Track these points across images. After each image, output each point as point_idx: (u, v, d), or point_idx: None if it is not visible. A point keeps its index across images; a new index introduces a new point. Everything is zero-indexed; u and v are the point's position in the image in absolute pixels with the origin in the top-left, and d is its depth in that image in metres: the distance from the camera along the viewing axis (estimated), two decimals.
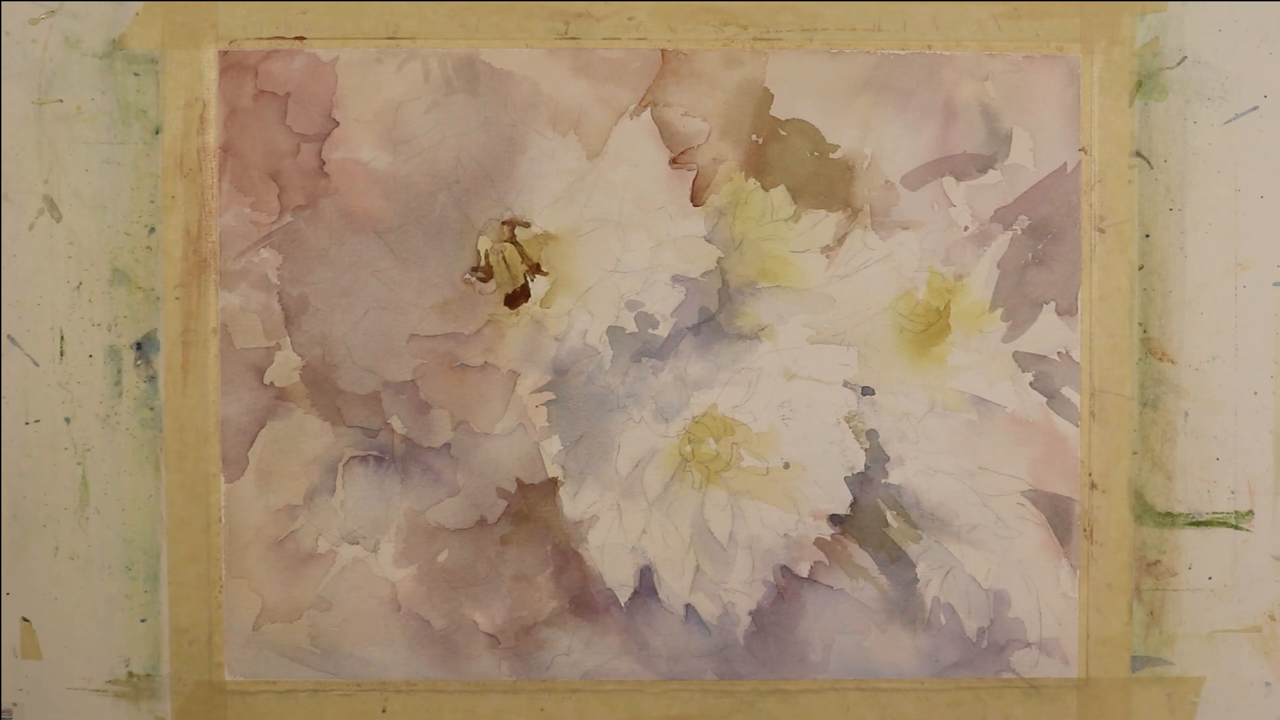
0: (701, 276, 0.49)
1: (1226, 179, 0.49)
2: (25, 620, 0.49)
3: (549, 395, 0.49)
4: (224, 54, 0.49)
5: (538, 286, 0.49)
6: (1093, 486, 0.49)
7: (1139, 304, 0.49)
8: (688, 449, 0.49)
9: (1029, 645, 0.49)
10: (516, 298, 0.49)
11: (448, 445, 0.49)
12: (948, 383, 0.49)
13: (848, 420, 0.49)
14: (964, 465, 0.49)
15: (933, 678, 0.49)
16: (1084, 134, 0.49)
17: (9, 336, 0.49)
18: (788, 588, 0.49)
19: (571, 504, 0.49)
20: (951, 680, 0.49)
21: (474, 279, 0.49)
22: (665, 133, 0.49)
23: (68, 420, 0.49)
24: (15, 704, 0.49)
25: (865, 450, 0.49)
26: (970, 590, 0.49)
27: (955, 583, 0.49)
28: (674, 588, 0.49)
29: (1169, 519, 0.49)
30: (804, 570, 0.49)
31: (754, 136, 0.49)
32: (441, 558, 0.49)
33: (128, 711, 0.49)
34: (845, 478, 0.49)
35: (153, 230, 0.49)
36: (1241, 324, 0.49)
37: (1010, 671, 0.49)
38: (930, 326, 0.49)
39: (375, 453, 0.49)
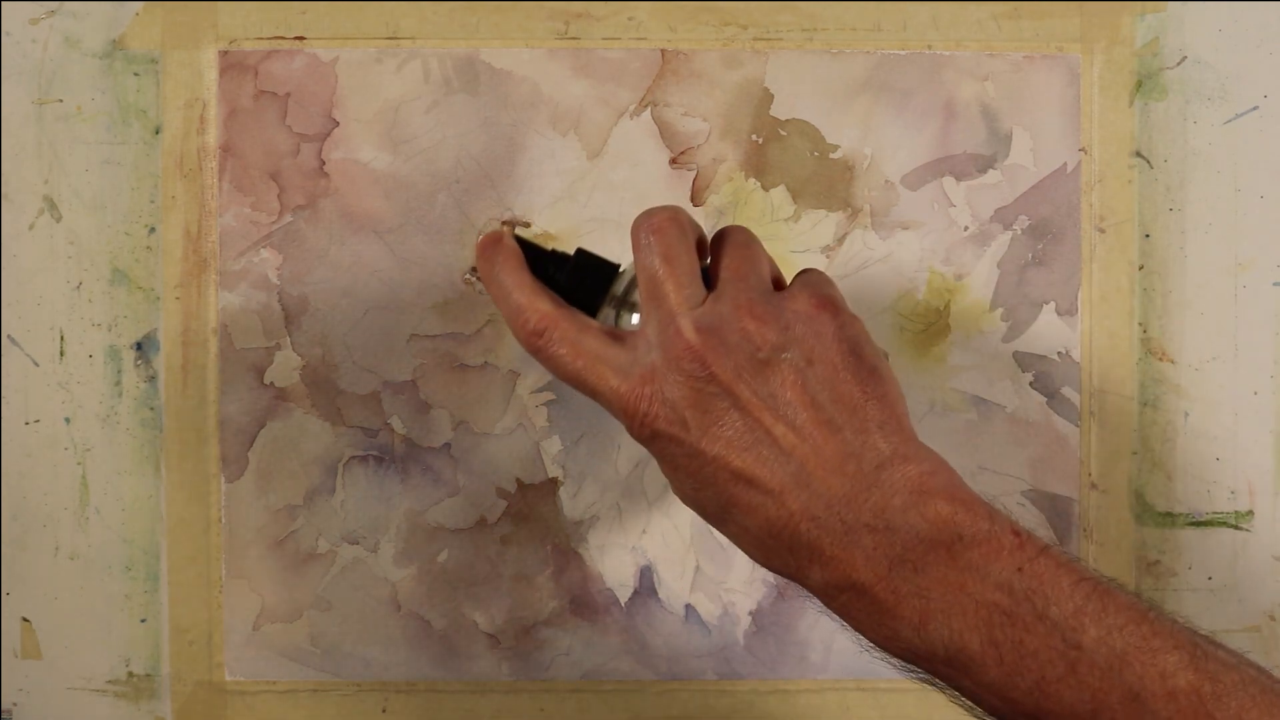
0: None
1: (1226, 179, 0.49)
2: (25, 620, 0.49)
3: (549, 395, 0.49)
4: (224, 54, 0.49)
5: None
6: (1092, 486, 0.49)
7: (1139, 304, 0.49)
8: None
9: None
10: None
11: (448, 445, 0.49)
12: (948, 383, 0.49)
13: None
14: (964, 465, 0.49)
15: None
16: (1084, 134, 0.49)
17: (9, 336, 0.49)
18: (788, 588, 0.49)
19: (571, 504, 0.49)
20: None
21: (474, 279, 0.49)
22: (665, 133, 0.49)
23: (68, 420, 0.49)
24: (15, 704, 0.49)
25: None
26: None
27: None
28: (674, 588, 0.49)
29: (1169, 519, 0.49)
30: None
31: (754, 136, 0.49)
32: (441, 558, 0.49)
33: (128, 711, 0.49)
34: None
35: (153, 230, 0.49)
36: (1241, 324, 0.49)
37: None
38: (930, 326, 0.49)
39: (375, 453, 0.49)
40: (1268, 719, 0.29)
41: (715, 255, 0.37)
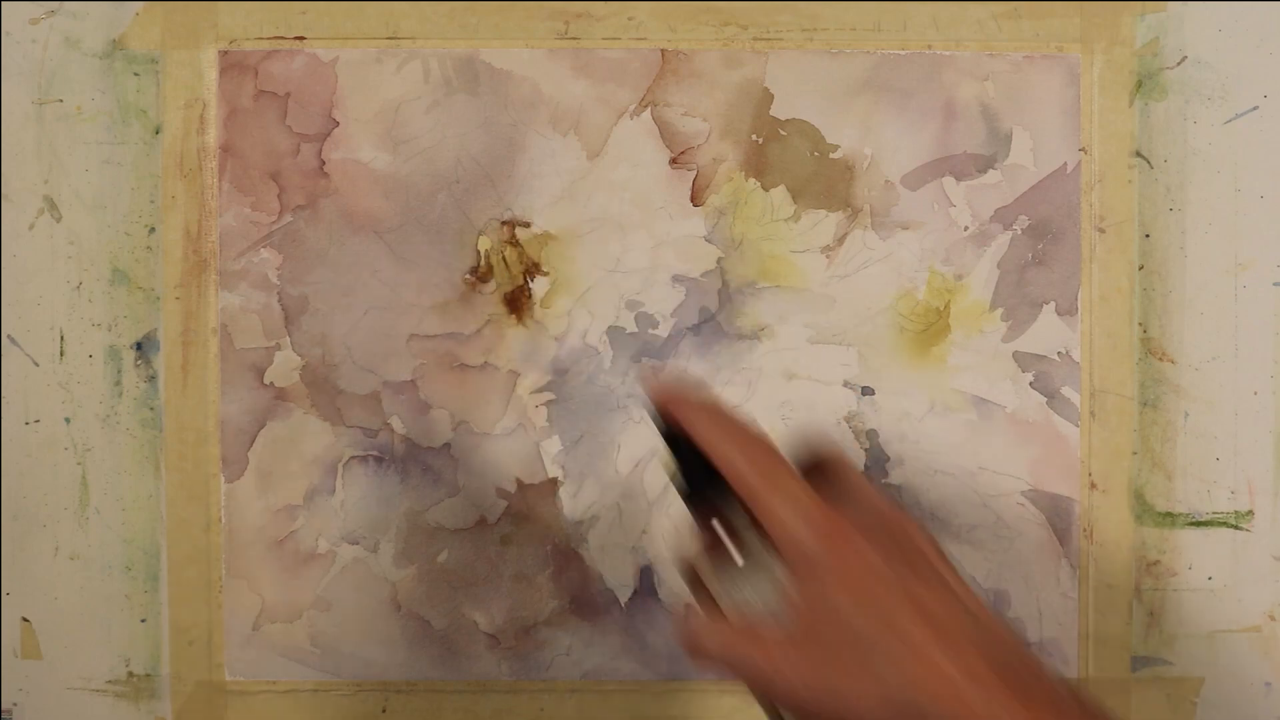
0: (701, 276, 0.49)
1: (1226, 179, 0.49)
2: (25, 620, 0.49)
3: (549, 395, 0.49)
4: (224, 54, 0.49)
5: (538, 286, 0.49)
6: (1093, 486, 0.49)
7: (1139, 304, 0.49)
8: None
9: (1029, 645, 0.49)
10: (517, 298, 0.49)
11: (448, 445, 0.49)
12: (948, 383, 0.49)
13: (848, 420, 0.49)
14: (964, 465, 0.49)
15: None
16: (1084, 134, 0.49)
17: (9, 336, 0.49)
18: None
19: (571, 504, 0.49)
20: None
21: (474, 279, 0.49)
22: (665, 133, 0.49)
23: (68, 420, 0.49)
24: (15, 704, 0.49)
25: (865, 450, 0.49)
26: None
27: None
28: (674, 588, 0.49)
29: (1169, 519, 0.49)
30: None
31: (754, 136, 0.49)
32: (441, 558, 0.49)
33: (128, 711, 0.49)
34: None
35: (153, 230, 0.49)
36: (1241, 324, 0.49)
37: None
38: (930, 326, 0.49)
39: (375, 453, 0.49)
40: None
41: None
